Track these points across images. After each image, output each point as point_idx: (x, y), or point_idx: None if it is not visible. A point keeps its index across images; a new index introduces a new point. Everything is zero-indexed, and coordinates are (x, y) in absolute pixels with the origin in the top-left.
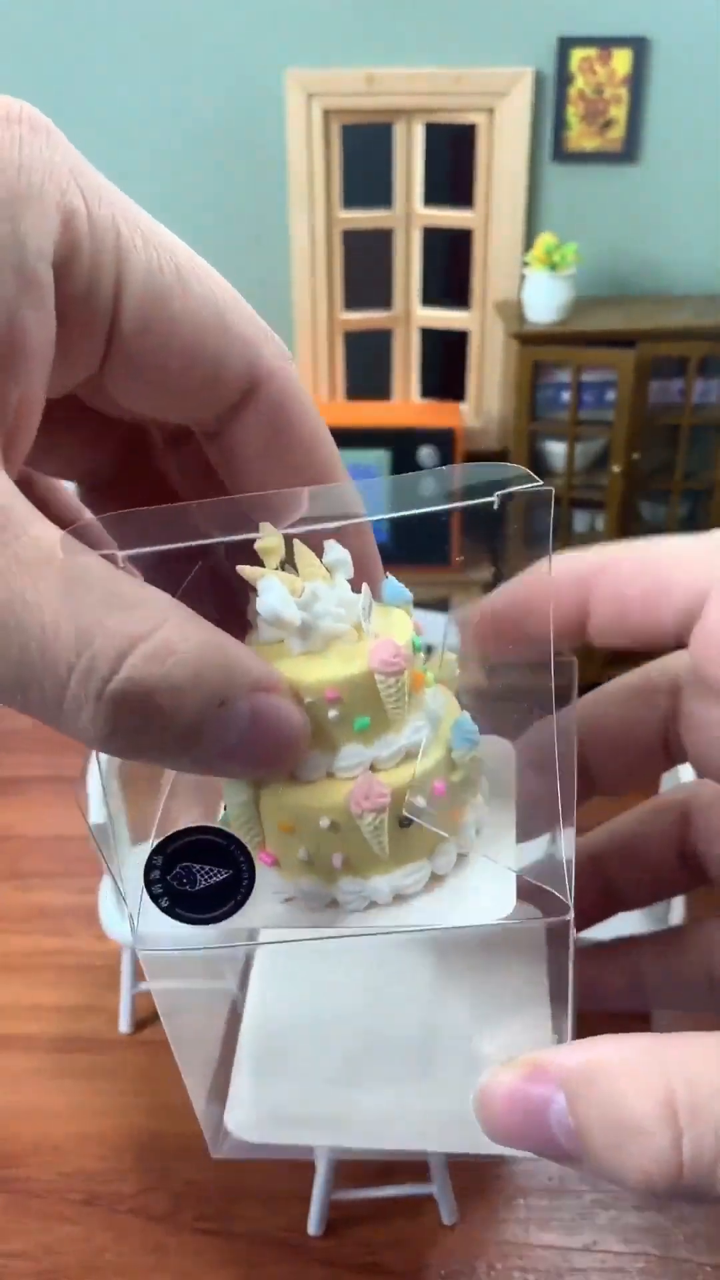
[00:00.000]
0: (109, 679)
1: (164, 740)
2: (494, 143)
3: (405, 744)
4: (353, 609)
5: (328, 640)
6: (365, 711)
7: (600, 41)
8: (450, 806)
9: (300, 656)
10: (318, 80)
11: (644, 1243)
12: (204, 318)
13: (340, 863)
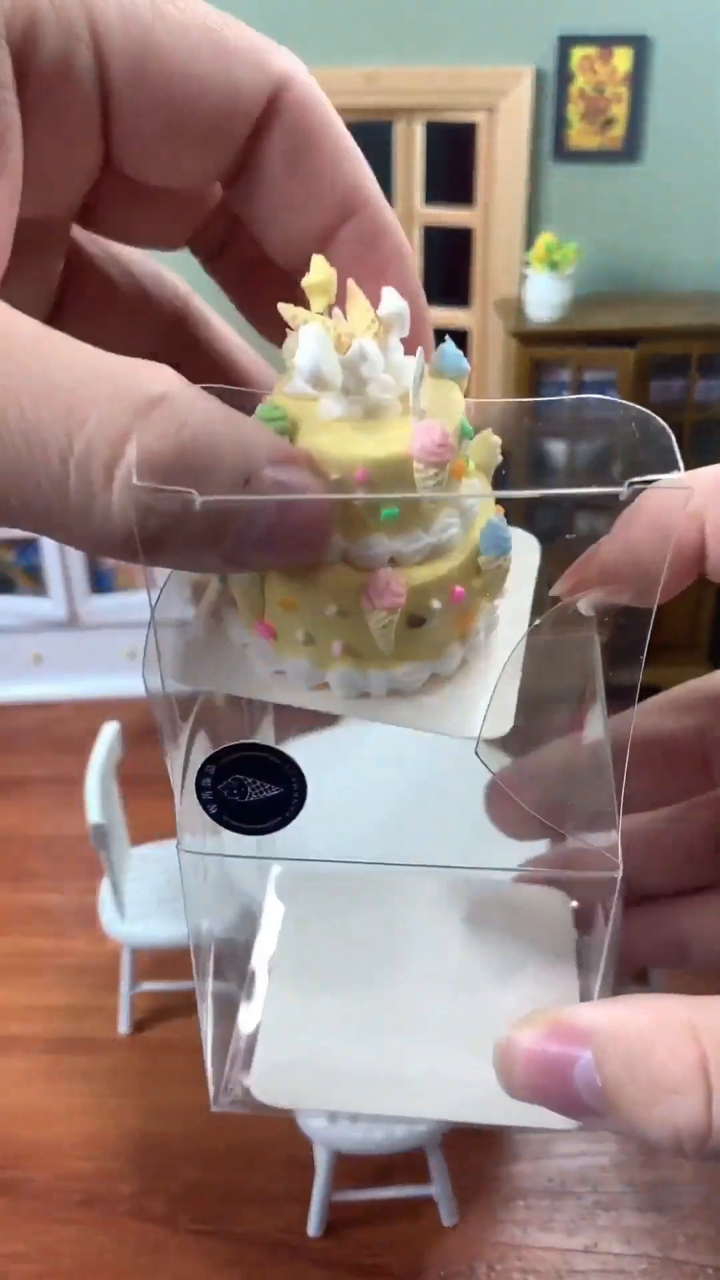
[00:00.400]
0: (113, 463)
1: (190, 530)
2: (494, 141)
3: (432, 541)
4: (402, 377)
5: (369, 410)
6: (396, 500)
7: (601, 40)
8: (464, 612)
9: (333, 422)
10: (317, 78)
11: (645, 1244)
12: (195, 40)
13: (340, 650)
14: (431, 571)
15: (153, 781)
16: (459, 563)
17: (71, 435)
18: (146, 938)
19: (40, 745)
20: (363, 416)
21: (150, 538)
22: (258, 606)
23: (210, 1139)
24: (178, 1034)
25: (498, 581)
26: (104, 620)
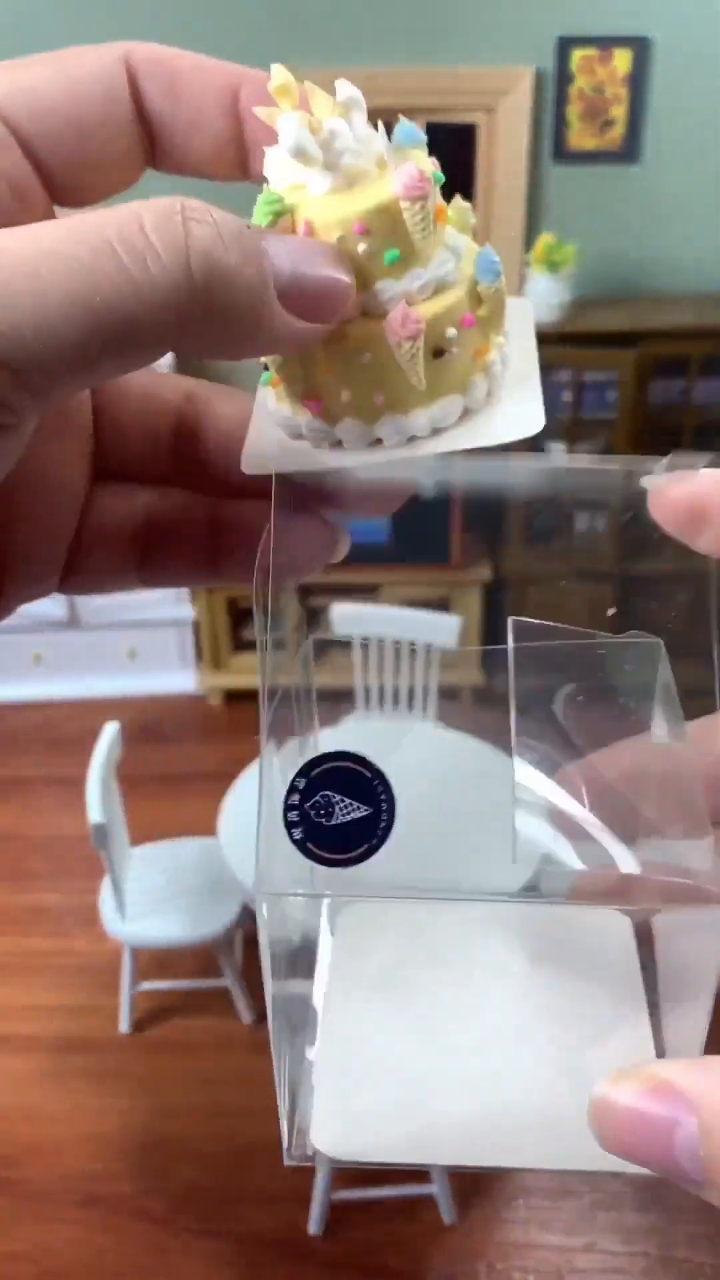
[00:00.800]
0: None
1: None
2: (494, 142)
3: (433, 276)
4: (371, 145)
5: (351, 178)
6: (394, 243)
7: (600, 41)
8: (479, 339)
9: (323, 196)
10: (317, 79)
11: (644, 1243)
12: None
13: (381, 400)
14: (440, 302)
15: (153, 781)
16: (462, 293)
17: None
18: (147, 937)
19: (40, 745)
20: (346, 186)
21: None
22: (301, 380)
23: (211, 1139)
24: (178, 1033)
25: (499, 308)
26: (104, 620)
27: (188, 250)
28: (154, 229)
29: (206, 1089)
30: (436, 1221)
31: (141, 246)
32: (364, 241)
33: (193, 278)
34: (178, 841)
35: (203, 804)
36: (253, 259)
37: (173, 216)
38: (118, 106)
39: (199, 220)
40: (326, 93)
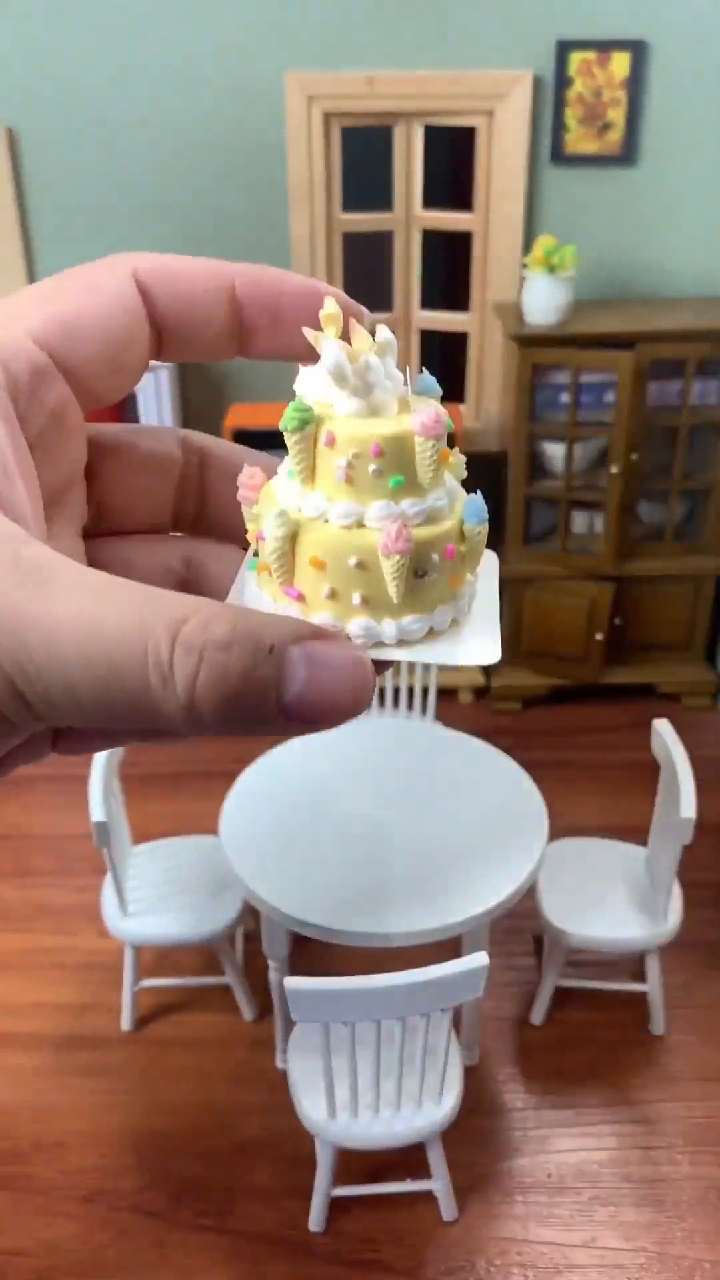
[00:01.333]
0: (170, 656)
1: (234, 700)
2: (493, 145)
3: (429, 507)
4: (398, 384)
5: (374, 407)
6: (401, 471)
7: (599, 44)
8: (455, 571)
9: (348, 417)
10: (317, 83)
11: (643, 1239)
12: None
13: (359, 601)
14: (429, 530)
15: (154, 781)
16: (449, 526)
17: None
18: (148, 935)
19: None
20: (369, 413)
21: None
22: (288, 572)
23: (212, 1135)
24: (180, 1030)
25: (479, 548)
26: None
27: (195, 689)
28: (180, 656)
29: (208, 1085)
30: (435, 1217)
31: (165, 670)
32: (376, 463)
33: (187, 705)
34: (179, 840)
35: (203, 803)
36: (262, 691)
37: (194, 650)
38: (136, 321)
39: (213, 651)
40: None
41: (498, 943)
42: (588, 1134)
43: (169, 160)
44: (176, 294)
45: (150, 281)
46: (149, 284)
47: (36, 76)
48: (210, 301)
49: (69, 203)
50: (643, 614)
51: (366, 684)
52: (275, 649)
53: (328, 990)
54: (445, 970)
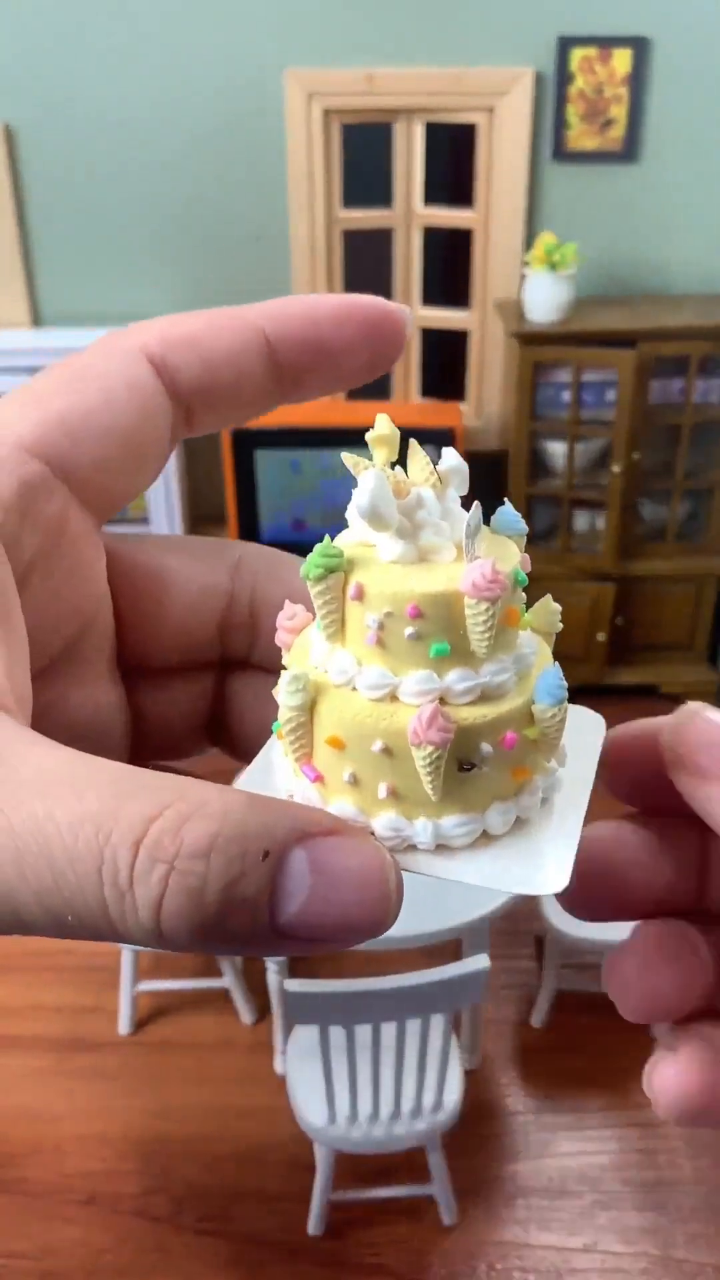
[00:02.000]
0: (131, 870)
1: (213, 923)
2: (494, 142)
3: (483, 683)
4: (457, 525)
5: (423, 554)
6: (446, 636)
7: (600, 41)
8: (518, 763)
9: (388, 564)
10: (318, 80)
11: (644, 1243)
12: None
13: (386, 793)
14: (481, 712)
15: None
16: (512, 707)
17: (104, 851)
18: None
19: None
20: (417, 560)
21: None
22: (306, 747)
23: (212, 1139)
24: (179, 1033)
25: (554, 734)
26: None
27: (158, 908)
28: (143, 868)
29: (207, 1089)
30: (436, 1222)
31: (124, 886)
32: (414, 625)
33: (155, 930)
34: None
35: None
36: (251, 909)
37: (160, 861)
38: (153, 404)
39: (186, 871)
40: (430, 460)
41: (498, 945)
42: (589, 1137)
43: (168, 158)
44: (199, 360)
45: (164, 352)
46: (164, 355)
47: (35, 74)
48: (240, 357)
49: (67, 200)
50: (645, 614)
51: (389, 897)
52: (271, 854)
53: (327, 993)
54: (445, 973)
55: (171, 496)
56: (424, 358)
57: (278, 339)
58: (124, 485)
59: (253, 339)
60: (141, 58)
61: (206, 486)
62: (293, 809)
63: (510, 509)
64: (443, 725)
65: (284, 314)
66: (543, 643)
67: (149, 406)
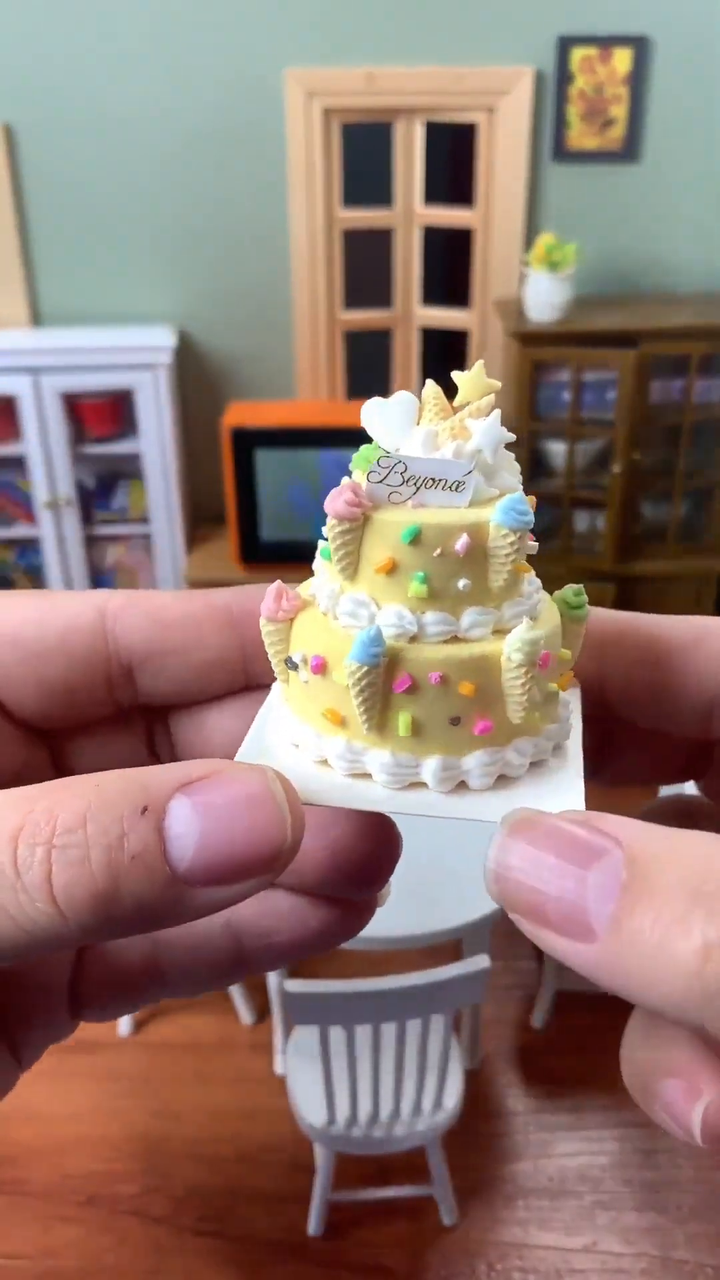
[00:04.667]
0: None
1: (110, 892)
2: (494, 141)
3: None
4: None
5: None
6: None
7: (601, 40)
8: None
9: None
10: (318, 79)
11: (644, 1243)
12: None
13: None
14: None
15: None
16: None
17: None
18: None
19: None
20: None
21: (82, 911)
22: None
23: (211, 1140)
24: (179, 1033)
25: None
26: None
27: (49, 888)
28: (23, 863)
29: (207, 1090)
30: (436, 1222)
31: (12, 881)
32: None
33: (60, 914)
34: None
35: None
36: (144, 867)
37: (38, 845)
38: (92, 643)
39: (66, 845)
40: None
41: (498, 946)
42: (589, 1138)
43: (168, 157)
44: (151, 621)
45: (121, 613)
46: (119, 612)
47: (34, 73)
48: (198, 625)
49: (67, 200)
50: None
51: (281, 815)
52: (151, 808)
53: (327, 993)
54: (445, 973)
55: (171, 497)
56: (423, 357)
57: (243, 612)
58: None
59: (213, 611)
60: (141, 57)
61: (206, 486)
62: (172, 766)
63: (519, 497)
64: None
65: (246, 594)
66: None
67: (88, 645)
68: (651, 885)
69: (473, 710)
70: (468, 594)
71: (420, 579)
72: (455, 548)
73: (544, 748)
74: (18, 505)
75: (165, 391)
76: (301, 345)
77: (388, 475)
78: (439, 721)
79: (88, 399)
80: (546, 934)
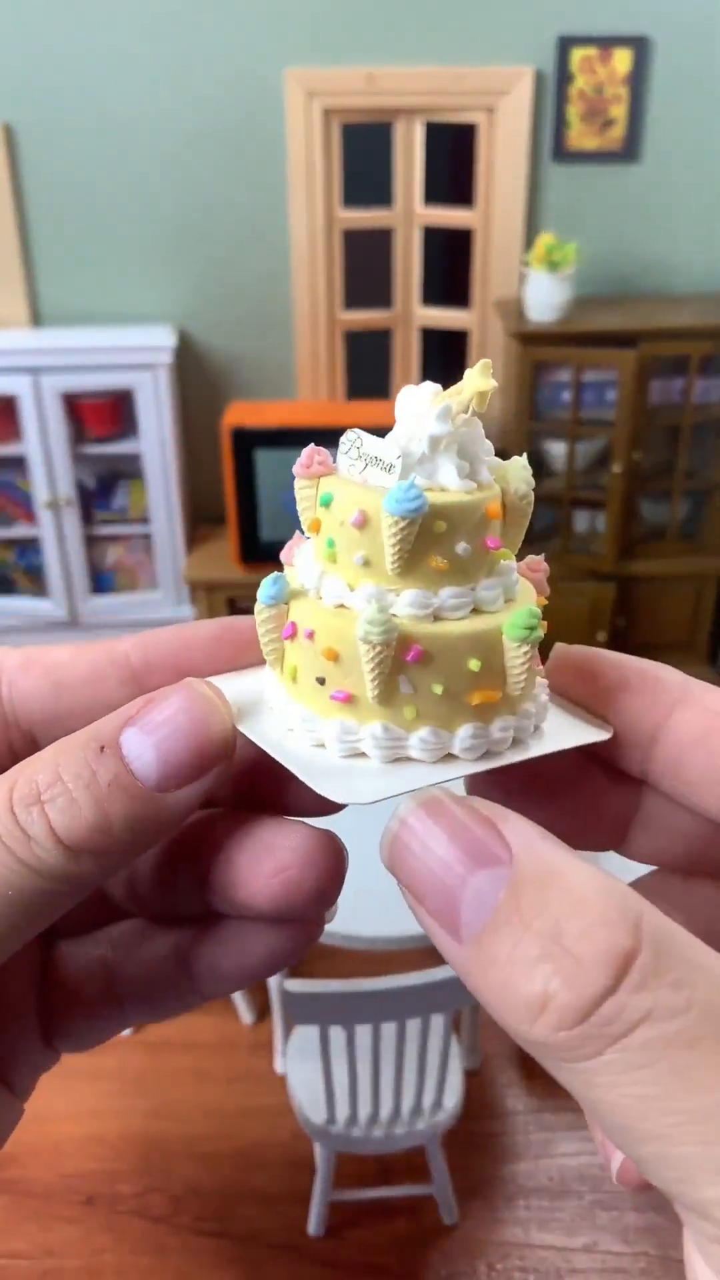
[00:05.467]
0: (17, 826)
1: (105, 823)
2: (494, 142)
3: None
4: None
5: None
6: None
7: (600, 41)
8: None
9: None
10: (318, 79)
11: (644, 1243)
12: None
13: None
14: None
15: None
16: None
17: None
18: None
19: None
20: None
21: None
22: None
23: (211, 1139)
24: (179, 1033)
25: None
26: (104, 620)
27: (55, 835)
28: (25, 823)
29: (206, 1089)
30: (436, 1222)
31: (23, 839)
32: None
33: (72, 851)
34: None
35: None
36: (125, 794)
37: (32, 805)
38: None
39: (53, 798)
40: None
41: None
42: (589, 1137)
43: (168, 157)
44: (50, 682)
45: (15, 673)
46: (13, 676)
47: (34, 73)
48: (97, 684)
49: (67, 200)
50: (645, 614)
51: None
52: (107, 746)
53: (327, 993)
54: (446, 973)
55: (172, 497)
56: (424, 358)
57: (144, 665)
58: None
59: (113, 666)
60: (141, 57)
61: (206, 486)
62: (114, 713)
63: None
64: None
65: (154, 641)
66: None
67: None
68: (522, 916)
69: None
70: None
71: (330, 544)
72: (350, 520)
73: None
74: (18, 505)
75: (165, 391)
76: (301, 345)
77: (349, 449)
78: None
79: (88, 399)
80: (423, 914)
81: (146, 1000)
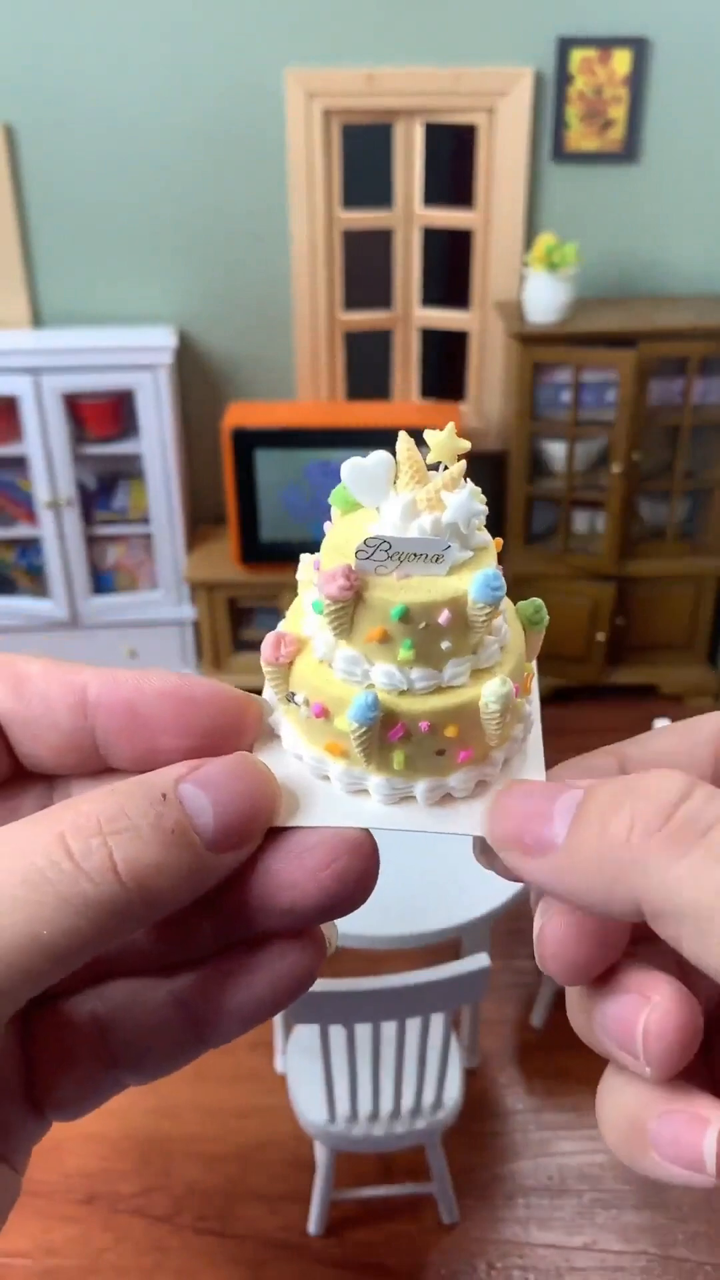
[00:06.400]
0: (73, 861)
1: (164, 863)
2: (494, 142)
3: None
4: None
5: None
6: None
7: (600, 42)
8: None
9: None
10: (318, 80)
11: (644, 1242)
12: None
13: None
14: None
15: None
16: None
17: (60, 859)
18: None
19: None
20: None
21: (133, 887)
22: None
23: (212, 1139)
24: None
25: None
26: (104, 620)
27: (114, 867)
28: (81, 854)
29: (207, 1088)
30: (436, 1221)
31: (73, 873)
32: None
33: (126, 887)
34: None
35: None
36: (181, 839)
37: (92, 837)
38: None
39: (117, 831)
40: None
41: (498, 944)
42: (589, 1136)
43: (168, 157)
44: (18, 693)
45: None
46: None
47: (35, 73)
48: (57, 703)
49: (67, 200)
50: (645, 614)
51: (261, 780)
52: (168, 795)
53: (327, 993)
54: (446, 972)
55: (172, 497)
56: (424, 358)
57: (98, 697)
58: None
59: (69, 691)
60: (141, 58)
61: (206, 487)
62: (162, 770)
63: (494, 573)
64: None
65: (112, 680)
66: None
67: None
68: (599, 796)
69: (456, 745)
70: (449, 651)
71: (408, 645)
72: (439, 621)
73: (513, 748)
74: (18, 505)
75: (165, 392)
76: (301, 345)
77: (374, 553)
78: (427, 755)
79: (88, 399)
80: (515, 855)
81: (142, 1055)
